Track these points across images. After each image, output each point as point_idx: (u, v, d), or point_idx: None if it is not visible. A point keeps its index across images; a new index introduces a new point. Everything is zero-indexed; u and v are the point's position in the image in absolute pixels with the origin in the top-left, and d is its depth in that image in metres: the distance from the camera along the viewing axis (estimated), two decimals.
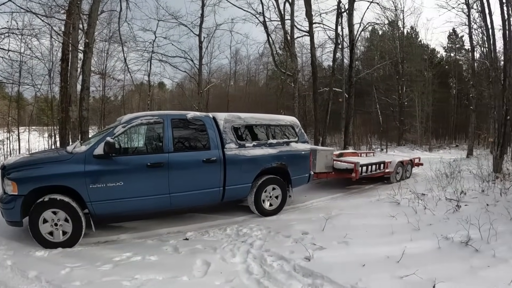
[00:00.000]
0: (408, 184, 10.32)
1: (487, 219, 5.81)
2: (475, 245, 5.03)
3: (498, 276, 4.15)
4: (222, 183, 6.84)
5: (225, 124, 7.09)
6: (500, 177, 9.78)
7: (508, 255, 4.75)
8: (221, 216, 7.36)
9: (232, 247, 5.43)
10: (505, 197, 7.51)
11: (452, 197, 7.87)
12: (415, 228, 6.07)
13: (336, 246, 5.41)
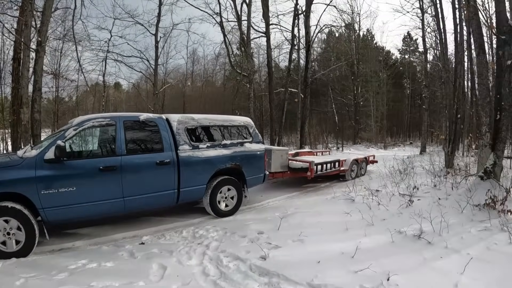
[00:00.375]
0: (363, 181, 10.60)
1: (439, 212, 6.06)
2: (427, 237, 5.22)
3: (450, 266, 4.33)
4: (176, 185, 6.72)
5: (178, 126, 6.98)
6: (451, 172, 10.20)
7: (460, 246, 4.98)
8: (177, 218, 7.25)
9: (189, 249, 5.34)
10: (456, 191, 7.85)
11: (406, 192, 8.15)
12: (369, 223, 6.23)
13: (292, 244, 5.44)
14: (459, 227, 5.73)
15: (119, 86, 46.27)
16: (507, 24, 8.35)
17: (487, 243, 5.14)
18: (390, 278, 4.00)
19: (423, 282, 3.98)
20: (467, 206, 6.70)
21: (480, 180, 7.83)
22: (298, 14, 21.98)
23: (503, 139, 8.22)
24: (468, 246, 5.02)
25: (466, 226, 5.83)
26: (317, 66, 36.82)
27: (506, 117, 8.11)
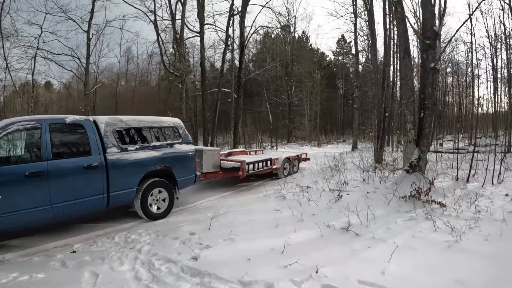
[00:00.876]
0: (295, 179, 10.86)
1: (367, 205, 6.39)
2: (355, 229, 5.46)
3: (377, 255, 4.58)
4: (106, 189, 6.47)
5: (106, 128, 6.72)
6: (379, 167, 10.70)
7: (386, 235, 5.29)
8: (109, 224, 7.00)
9: (121, 255, 5.19)
10: (384, 185, 8.27)
11: (336, 187, 8.42)
12: (299, 219, 6.38)
13: (223, 243, 5.46)
14: (386, 218, 6.06)
15: (50, 86, 44.05)
16: (431, 30, 8.99)
17: (413, 232, 5.50)
18: (319, 270, 4.12)
19: (351, 271, 4.14)
20: (394, 198, 7.09)
21: (406, 174, 8.31)
22: (234, 14, 22.03)
23: (427, 135, 8.85)
24: (395, 235, 5.33)
25: (392, 217, 6.18)
26: (253, 67, 37.25)
27: (429, 115, 8.83)
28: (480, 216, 6.36)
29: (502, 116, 28.91)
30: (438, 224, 5.75)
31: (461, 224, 5.75)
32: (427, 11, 9.50)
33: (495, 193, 8.30)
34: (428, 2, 9.64)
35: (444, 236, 5.33)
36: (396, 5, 9.71)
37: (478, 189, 8.62)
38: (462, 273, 4.15)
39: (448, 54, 35.99)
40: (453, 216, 6.30)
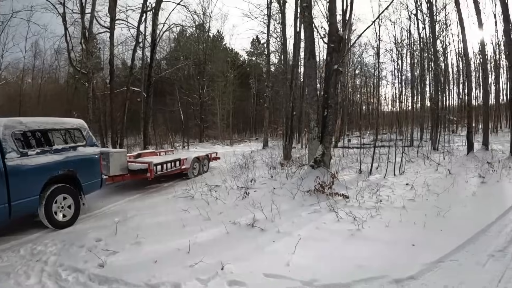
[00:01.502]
0: (205, 178, 10.86)
1: (273, 200, 6.58)
2: (260, 225, 5.61)
3: (282, 248, 4.77)
4: (7, 198, 5.92)
5: (4, 131, 6.13)
6: (287, 164, 11.09)
7: (291, 228, 5.50)
8: (14, 236, 6.44)
9: (27, 268, 4.85)
10: (290, 180, 8.59)
11: (244, 185, 8.57)
12: (206, 218, 6.41)
13: (129, 248, 5.32)
14: (291, 212, 6.31)
15: None
16: (336, 34, 9.54)
17: (317, 224, 5.80)
18: (224, 267, 4.20)
19: (256, 266, 4.27)
20: (299, 193, 7.40)
21: (312, 169, 8.74)
22: (147, 10, 21.33)
23: (330, 132, 9.41)
24: (299, 228, 5.56)
25: (297, 211, 6.45)
26: (166, 65, 36.59)
27: (332, 113, 9.38)
28: (382, 205, 6.92)
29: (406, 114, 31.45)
30: (341, 214, 6.11)
31: (363, 214, 6.20)
32: (333, 17, 10.07)
33: (396, 183, 9.04)
34: (334, 9, 10.20)
35: (347, 226, 5.68)
36: (304, 10, 10.12)
37: (380, 180, 9.33)
38: (363, 259, 4.47)
39: (357, 57, 38.38)
40: (356, 207, 6.77)
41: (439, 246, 4.96)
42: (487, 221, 6.20)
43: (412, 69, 32.84)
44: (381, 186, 8.56)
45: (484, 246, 5.06)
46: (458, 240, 5.17)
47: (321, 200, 6.93)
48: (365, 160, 11.43)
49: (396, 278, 4.02)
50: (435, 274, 4.20)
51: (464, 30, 18.01)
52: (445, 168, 11.41)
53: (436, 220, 6.27)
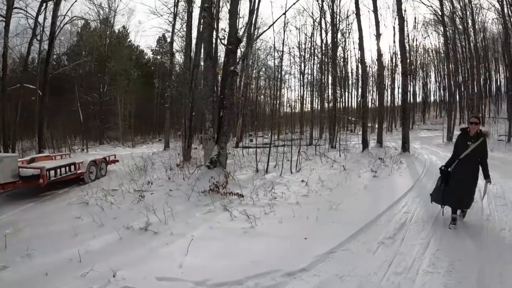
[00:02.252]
0: (102, 182, 10.47)
1: (168, 202, 6.55)
2: (154, 228, 5.58)
3: (176, 250, 4.79)
4: None
5: None
6: (186, 165, 11.04)
7: (185, 230, 5.55)
8: None
9: None
10: (187, 181, 8.60)
11: (140, 188, 8.41)
12: (99, 225, 6.20)
13: (20, 261, 4.98)
14: (185, 214, 6.36)
15: None
16: (235, 36, 9.71)
17: (211, 223, 5.90)
18: (116, 274, 4.12)
19: (149, 270, 4.24)
20: (194, 193, 7.47)
21: (208, 169, 8.85)
22: (47, 0, 19.81)
23: (225, 132, 9.62)
24: (193, 229, 5.62)
25: (192, 212, 6.51)
26: (67, 61, 34.25)
27: (227, 114, 9.54)
28: (276, 202, 7.21)
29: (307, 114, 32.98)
30: (235, 213, 6.27)
31: (257, 211, 6.42)
32: (233, 19, 10.23)
33: (292, 181, 9.45)
34: (235, 11, 10.37)
35: (241, 224, 5.85)
36: (205, 10, 10.14)
37: (276, 178, 9.71)
38: (256, 255, 4.63)
39: (262, 60, 39.29)
40: (250, 205, 6.99)
41: (331, 237, 5.30)
42: (378, 211, 6.77)
43: (313, 73, 34.65)
44: (276, 184, 8.93)
45: (374, 235, 5.52)
46: (350, 231, 5.58)
47: (215, 200, 7.05)
48: (263, 160, 11.78)
49: (289, 271, 4.21)
50: (327, 264, 4.48)
51: (362, 39, 19.91)
52: (340, 164, 12.18)
53: (329, 213, 6.69)
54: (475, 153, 5.82)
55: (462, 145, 5.99)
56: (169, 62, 28.88)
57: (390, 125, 44.63)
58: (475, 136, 5.87)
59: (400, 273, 4.19)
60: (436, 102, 54.64)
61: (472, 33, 34.19)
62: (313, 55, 34.23)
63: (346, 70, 41.94)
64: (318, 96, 34.41)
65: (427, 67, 52.89)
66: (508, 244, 5.10)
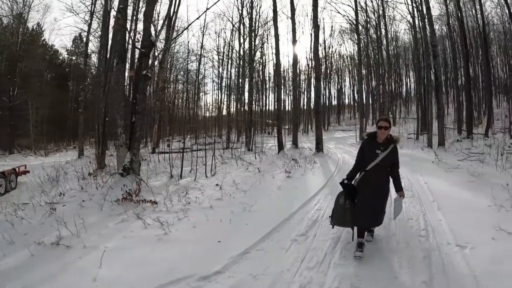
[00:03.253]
0: (12, 196, 9.87)
1: (81, 214, 6.39)
2: (66, 242, 5.41)
3: (89, 263, 4.72)
4: None
5: None
6: (93, 174, 10.74)
7: (98, 241, 5.46)
8: None
9: None
10: (100, 191, 8.38)
11: (52, 200, 8.06)
12: (10, 242, 5.68)
13: None
14: (98, 225, 6.26)
15: None
16: (148, 39, 9.61)
17: (124, 233, 5.87)
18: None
19: (63, 286, 4.17)
20: (106, 203, 7.34)
21: (121, 177, 8.74)
22: None
23: (138, 138, 9.52)
24: (106, 240, 5.56)
25: (104, 222, 6.42)
26: None
27: (140, 119, 9.44)
28: (190, 207, 7.34)
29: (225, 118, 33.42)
30: (148, 221, 6.30)
31: (170, 218, 6.49)
32: (147, 22, 10.12)
33: (206, 185, 9.59)
34: (150, 13, 10.26)
35: (155, 231, 5.90)
36: (119, 11, 9.92)
37: (191, 183, 9.81)
38: (170, 261, 4.71)
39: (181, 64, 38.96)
40: (164, 211, 7.04)
41: (245, 239, 5.51)
42: (291, 210, 7.12)
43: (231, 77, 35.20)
44: (191, 189, 9.06)
45: (287, 233, 5.83)
46: (264, 231, 5.84)
47: (128, 209, 6.98)
48: (179, 165, 11.75)
49: (203, 275, 4.34)
50: (242, 265, 4.68)
51: (279, 46, 21.29)
52: (255, 167, 12.55)
53: (243, 215, 6.93)
54: (385, 162, 4.90)
55: (369, 153, 4.96)
56: (84, 63, 27.74)
57: (306, 127, 46.71)
58: (385, 143, 4.94)
59: (313, 267, 4.51)
60: (350, 104, 58.30)
61: (385, 42, 37.06)
62: (231, 60, 34.76)
63: (264, 75, 43.07)
64: (236, 100, 34.98)
65: (342, 72, 56.34)
66: (415, 233, 5.66)
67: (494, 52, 34.94)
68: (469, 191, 8.14)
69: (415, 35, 29.14)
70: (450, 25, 27.97)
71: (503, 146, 15.31)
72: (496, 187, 7.92)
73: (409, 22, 30.74)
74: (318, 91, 20.81)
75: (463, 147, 16.21)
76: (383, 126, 4.85)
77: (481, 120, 28.82)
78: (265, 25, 31.03)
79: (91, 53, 26.73)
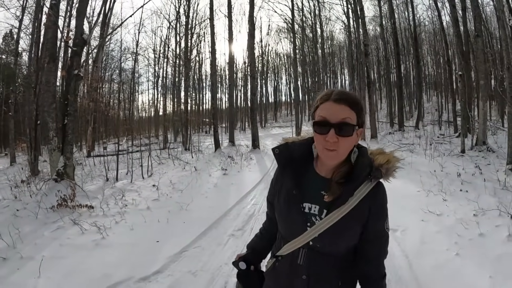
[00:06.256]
0: None
1: (15, 224, 6.23)
2: (2, 254, 5.27)
3: (27, 274, 4.58)
4: None
5: None
6: (26, 181, 10.30)
7: (34, 252, 5.35)
8: None
9: None
10: (35, 198, 8.11)
11: None
12: None
13: None
14: (34, 234, 6.12)
15: None
16: (80, 37, 9.45)
17: (61, 241, 5.80)
18: None
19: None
20: (41, 210, 7.18)
21: (55, 183, 8.57)
22: None
23: (70, 141, 9.35)
24: (43, 249, 5.46)
25: (40, 231, 6.28)
26: None
27: (72, 121, 9.28)
28: (127, 210, 7.41)
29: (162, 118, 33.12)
30: (85, 226, 6.27)
31: (107, 221, 6.52)
32: (80, 18, 9.93)
33: (143, 186, 9.64)
34: (83, 10, 10.06)
35: (92, 236, 5.90)
36: (51, 7, 9.65)
37: (127, 185, 9.84)
38: (109, 266, 4.74)
39: (116, 62, 38.04)
40: (101, 216, 7.04)
41: (182, 237, 5.68)
42: (227, 206, 7.37)
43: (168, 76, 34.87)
44: (127, 191, 9.10)
45: (224, 229, 6.06)
46: (201, 229, 6.04)
47: (64, 215, 6.90)
48: (114, 167, 11.67)
49: (143, 276, 4.43)
50: (180, 263, 4.83)
51: (214, 44, 21.50)
52: (192, 166, 12.69)
53: (179, 214, 7.09)
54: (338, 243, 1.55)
55: (287, 209, 1.64)
56: (14, 63, 26.40)
57: (243, 124, 47.27)
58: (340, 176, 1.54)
59: None
60: (287, 101, 59.69)
61: (321, 41, 38.40)
62: (167, 58, 34.42)
63: (200, 73, 43.11)
64: (172, 99, 34.77)
65: (279, 70, 57.52)
66: None
67: (425, 51, 37.53)
68: (399, 179, 8.63)
69: (349, 35, 30.83)
70: (383, 26, 29.60)
71: (432, 137, 16.35)
72: (424, 174, 8.71)
73: (344, 23, 32.30)
74: (253, 88, 21.36)
75: (395, 139, 17.30)
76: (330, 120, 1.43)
77: (412, 114, 30.68)
78: (202, 23, 31.05)
79: (22, 52, 25.39)
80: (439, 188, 7.48)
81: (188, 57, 26.74)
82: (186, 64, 26.64)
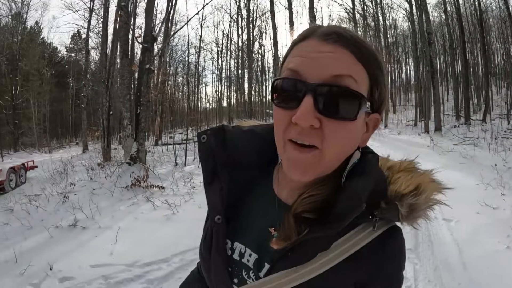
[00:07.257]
0: (23, 189, 10.30)
1: (93, 200, 6.97)
2: (82, 224, 5.99)
3: (105, 241, 5.24)
4: None
5: None
6: (101, 165, 11.37)
7: (111, 222, 6.03)
8: None
9: None
10: (109, 179, 8.95)
11: (63, 190, 8.59)
12: (28, 227, 6.31)
13: None
14: (111, 208, 6.84)
15: None
16: (150, 34, 10.08)
17: (135, 215, 6.45)
18: (53, 267, 4.45)
19: (82, 260, 4.63)
20: (117, 189, 7.91)
21: (129, 166, 9.27)
22: None
23: (143, 129, 10.06)
24: (119, 221, 6.12)
25: (116, 206, 7.00)
26: None
27: (144, 110, 9.96)
28: (195, 191, 7.90)
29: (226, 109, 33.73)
30: (157, 203, 6.87)
31: (177, 200, 7.04)
32: (148, 17, 10.59)
33: None
34: (151, 10, 10.72)
35: (163, 212, 6.47)
36: (122, 8, 10.37)
37: (195, 169, 10.36)
38: (179, 237, 5.22)
39: (180, 56, 39.14)
40: (171, 195, 7.61)
41: None
42: None
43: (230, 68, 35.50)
44: (195, 175, 9.57)
45: None
46: None
47: (138, 193, 7.60)
48: (182, 154, 12.44)
49: None
50: None
51: (276, 36, 21.35)
52: None
53: None
54: None
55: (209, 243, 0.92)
56: (84, 60, 28.07)
57: None
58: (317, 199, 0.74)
59: None
60: None
61: (383, 30, 37.17)
62: (230, 51, 35.13)
63: (263, 65, 43.46)
64: (236, 91, 35.42)
65: None
66: None
67: (494, 38, 34.97)
68: (459, 172, 8.52)
69: (412, 23, 29.31)
70: (447, 12, 28.05)
71: (499, 131, 15.71)
72: (486, 168, 8.42)
73: (406, 10, 31.02)
74: None
75: (460, 133, 16.65)
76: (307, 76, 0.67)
77: (480, 107, 29.08)
78: (262, 15, 31.41)
79: (91, 49, 27.03)
80: (499, 182, 7.29)
81: (250, 50, 27.21)
82: (249, 56, 27.10)
